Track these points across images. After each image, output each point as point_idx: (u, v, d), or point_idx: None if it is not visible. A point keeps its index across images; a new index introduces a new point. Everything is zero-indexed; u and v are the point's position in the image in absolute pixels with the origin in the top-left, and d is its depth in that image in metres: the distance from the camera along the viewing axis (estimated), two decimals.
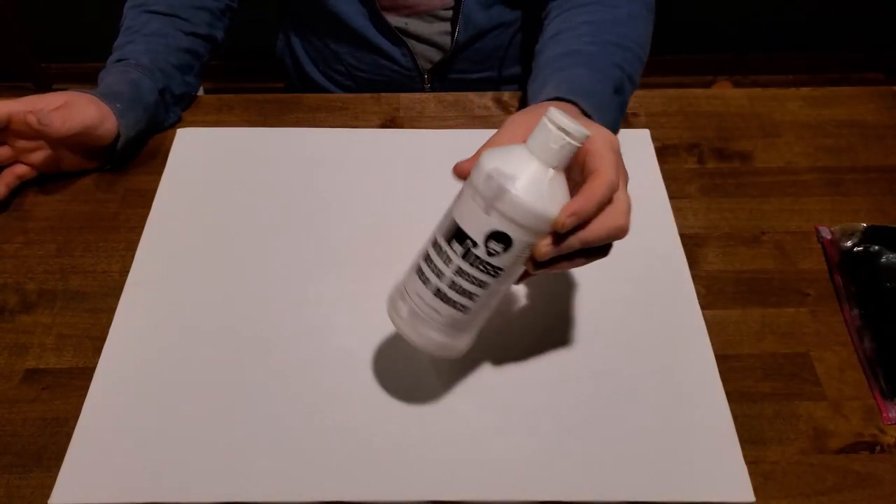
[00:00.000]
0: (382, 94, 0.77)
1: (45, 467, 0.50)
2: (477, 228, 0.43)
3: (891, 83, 0.91)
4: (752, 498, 0.49)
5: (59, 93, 0.66)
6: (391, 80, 0.87)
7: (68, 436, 0.51)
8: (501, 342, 0.56)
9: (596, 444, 0.51)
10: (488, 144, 0.49)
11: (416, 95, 0.77)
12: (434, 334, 0.46)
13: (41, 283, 0.61)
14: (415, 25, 0.84)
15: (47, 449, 0.51)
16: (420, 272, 0.45)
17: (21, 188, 0.67)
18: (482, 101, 0.77)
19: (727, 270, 0.62)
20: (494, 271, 0.44)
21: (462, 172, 0.48)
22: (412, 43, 0.84)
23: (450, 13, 0.83)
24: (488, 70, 0.89)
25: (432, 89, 0.88)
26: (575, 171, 0.46)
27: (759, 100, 0.78)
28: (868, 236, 0.63)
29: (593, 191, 0.43)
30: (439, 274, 0.44)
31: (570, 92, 0.57)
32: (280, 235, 0.63)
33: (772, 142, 0.74)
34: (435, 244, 0.45)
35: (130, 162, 0.70)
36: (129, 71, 0.70)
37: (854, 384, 0.56)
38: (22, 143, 0.66)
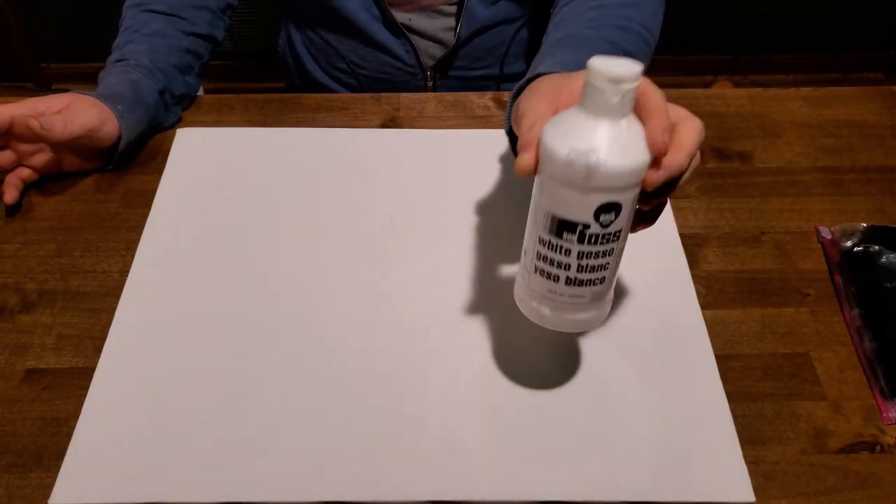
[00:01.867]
0: (382, 94, 0.77)
1: (45, 467, 0.50)
2: (582, 211, 0.41)
3: (891, 83, 0.91)
4: (753, 498, 0.49)
5: (60, 95, 0.66)
6: (393, 77, 0.87)
7: (68, 436, 0.51)
8: (501, 343, 0.56)
9: (596, 444, 0.51)
10: (530, 131, 0.44)
11: (416, 95, 0.77)
12: (584, 315, 0.46)
13: (41, 283, 0.61)
14: (418, 21, 0.84)
15: (47, 449, 0.51)
16: (542, 272, 0.44)
17: (22, 187, 0.67)
18: (482, 101, 0.77)
19: (727, 270, 0.62)
20: (615, 236, 0.43)
21: (527, 169, 0.43)
22: (415, 39, 0.84)
23: (454, 9, 0.83)
24: (490, 67, 0.89)
25: (434, 87, 0.88)
26: None
27: (759, 100, 0.78)
28: (868, 236, 0.63)
29: (660, 113, 0.42)
30: (565, 266, 0.43)
31: (557, 68, 0.55)
32: (280, 235, 0.63)
33: (772, 142, 0.74)
34: (543, 242, 0.43)
35: (131, 162, 0.70)
36: (130, 71, 0.70)
37: (854, 384, 0.56)
38: (24, 147, 0.66)
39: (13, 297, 0.60)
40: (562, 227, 0.42)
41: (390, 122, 0.75)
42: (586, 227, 0.41)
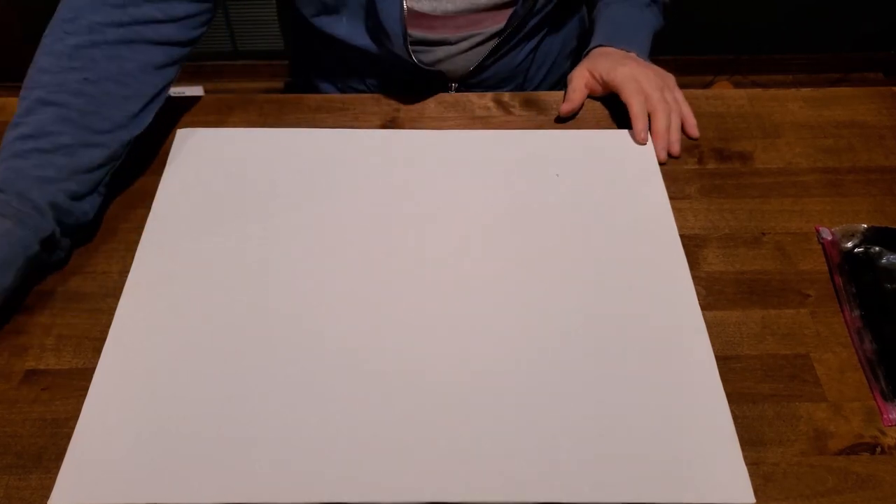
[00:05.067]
0: (382, 95, 0.77)
1: (45, 468, 0.50)
2: None
3: (891, 83, 0.91)
4: (753, 499, 0.49)
5: None
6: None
7: (68, 436, 0.51)
8: (501, 343, 0.56)
9: (596, 445, 0.51)
10: (573, 93, 0.75)
11: (416, 96, 0.77)
12: None
13: (41, 283, 0.61)
14: (445, 50, 0.81)
15: (47, 450, 0.51)
16: None
17: None
18: (482, 101, 0.77)
19: (727, 271, 0.62)
20: None
21: (568, 113, 0.75)
22: (446, 64, 0.82)
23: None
24: (514, 80, 0.88)
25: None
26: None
27: (759, 100, 0.78)
28: (868, 237, 0.63)
29: (634, 116, 0.71)
30: None
31: (606, 40, 0.78)
32: (279, 236, 0.63)
33: (772, 142, 0.74)
34: None
35: (130, 162, 0.70)
36: (3, 217, 0.54)
37: (854, 385, 0.56)
38: None
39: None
40: None
41: (390, 123, 0.74)
42: None
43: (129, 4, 0.61)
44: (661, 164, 0.70)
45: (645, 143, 0.71)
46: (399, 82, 0.84)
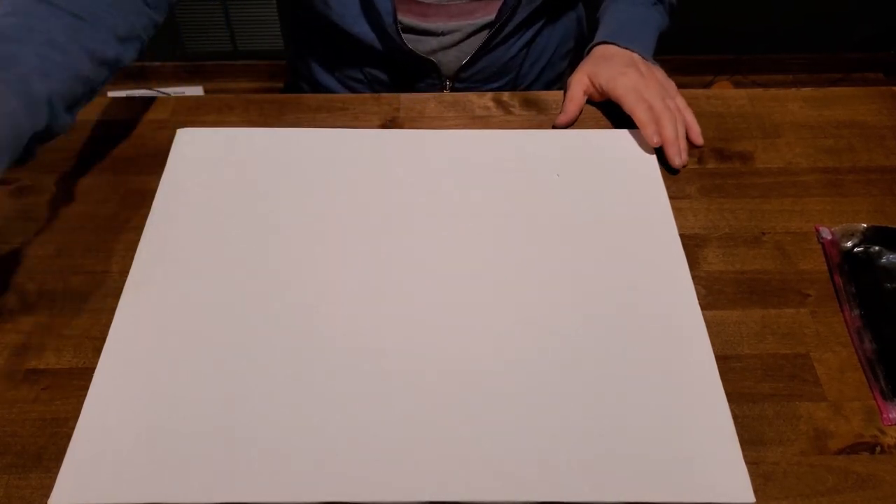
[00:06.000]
0: (382, 95, 0.77)
1: (45, 468, 0.50)
2: None
3: (891, 83, 0.91)
4: (753, 499, 0.49)
5: None
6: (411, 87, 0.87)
7: (68, 436, 0.51)
8: (501, 343, 0.56)
9: (596, 445, 0.51)
10: (570, 102, 0.74)
11: (416, 95, 0.77)
12: None
13: (41, 283, 0.61)
14: (450, 48, 0.82)
15: (47, 449, 0.51)
16: None
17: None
18: (482, 101, 0.77)
19: (727, 271, 0.62)
20: None
21: (565, 124, 0.74)
22: (440, 59, 0.83)
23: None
24: (507, 74, 0.89)
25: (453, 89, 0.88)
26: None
27: (759, 100, 0.78)
28: (868, 237, 0.63)
29: (642, 124, 0.70)
30: None
31: (610, 36, 0.77)
32: (280, 236, 0.63)
33: (772, 142, 0.74)
34: None
35: (130, 162, 0.70)
36: (8, 94, 0.50)
37: (854, 385, 0.56)
38: None
39: (13, 298, 0.60)
40: None
41: (390, 123, 0.75)
42: None
43: None
44: (674, 173, 0.70)
45: (660, 145, 0.69)
46: (394, 73, 0.84)
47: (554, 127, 0.74)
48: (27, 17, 0.54)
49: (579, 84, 0.75)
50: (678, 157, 0.69)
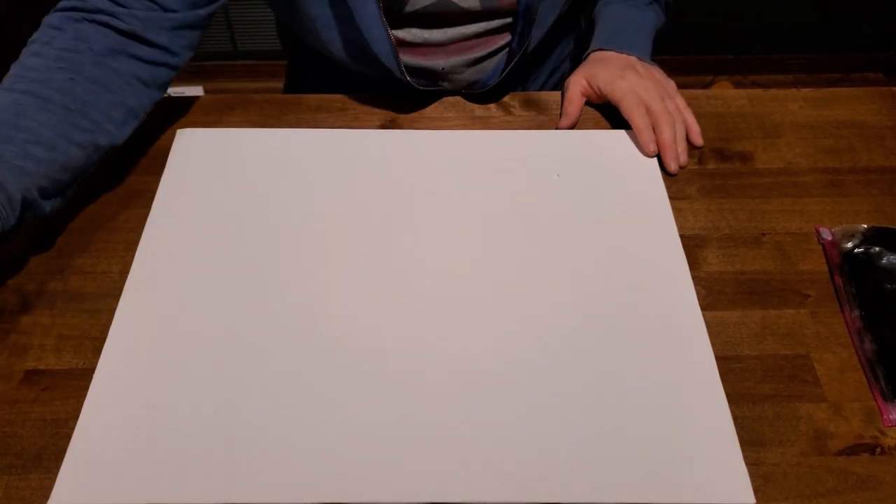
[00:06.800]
0: (383, 95, 0.77)
1: (45, 468, 0.50)
2: None
3: (891, 83, 0.91)
4: (753, 500, 0.49)
5: None
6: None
7: (68, 437, 0.51)
8: (501, 343, 0.56)
9: (596, 446, 0.51)
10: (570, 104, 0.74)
11: (416, 96, 0.77)
12: None
13: (41, 283, 0.61)
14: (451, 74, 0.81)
15: (47, 450, 0.51)
16: None
17: None
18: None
19: (727, 272, 0.62)
20: None
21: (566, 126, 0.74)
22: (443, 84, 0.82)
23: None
24: (515, 88, 0.88)
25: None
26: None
27: (759, 100, 0.78)
28: (868, 237, 0.63)
29: (638, 130, 0.70)
30: None
31: (606, 42, 0.77)
32: (280, 236, 0.63)
33: (772, 142, 0.73)
34: None
35: (130, 162, 0.70)
36: None
37: (854, 386, 0.56)
38: None
39: (13, 298, 0.60)
40: None
41: (390, 123, 0.74)
42: None
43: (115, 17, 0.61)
44: (672, 176, 0.69)
45: (653, 155, 0.70)
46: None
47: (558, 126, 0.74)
48: (17, 115, 0.56)
49: (577, 86, 0.75)
50: (674, 161, 0.69)
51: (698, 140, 0.72)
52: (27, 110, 0.56)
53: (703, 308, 0.59)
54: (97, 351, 0.56)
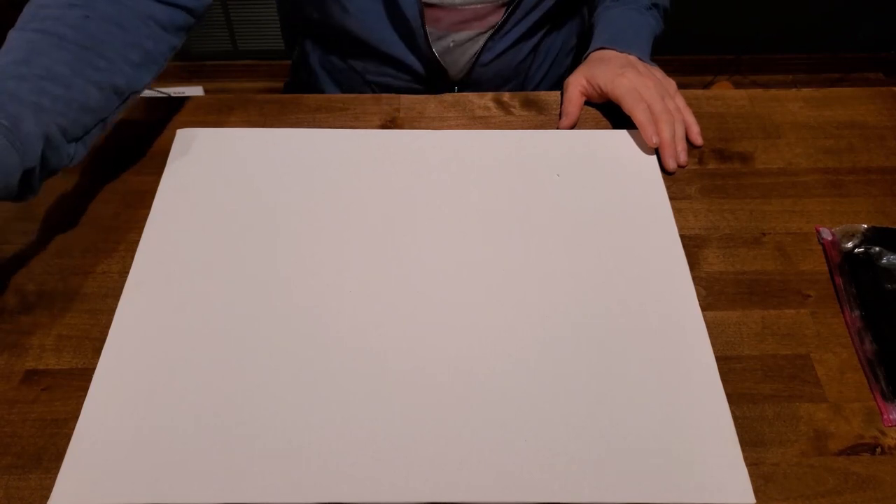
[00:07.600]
0: (382, 95, 0.77)
1: (45, 469, 0.50)
2: None
3: (891, 83, 0.91)
4: (753, 500, 0.49)
5: None
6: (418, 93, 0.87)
7: (68, 437, 0.51)
8: (501, 343, 0.56)
9: (596, 446, 0.51)
10: (569, 103, 0.74)
11: (417, 96, 0.77)
12: None
13: (41, 283, 0.61)
14: (458, 48, 0.82)
15: (47, 450, 0.51)
16: None
17: None
18: (482, 101, 0.77)
19: (727, 272, 0.62)
20: None
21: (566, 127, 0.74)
22: (448, 62, 0.84)
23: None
24: (514, 80, 0.89)
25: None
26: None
27: (759, 100, 0.78)
28: (869, 237, 0.63)
29: (641, 125, 0.70)
30: None
31: (607, 42, 0.77)
32: (280, 236, 0.63)
33: (772, 143, 0.73)
34: None
35: (130, 162, 0.70)
36: None
37: (855, 386, 0.56)
38: None
39: (13, 298, 0.60)
40: None
41: (390, 123, 0.74)
42: None
43: None
44: (670, 174, 0.70)
45: (656, 146, 0.70)
46: (401, 81, 0.84)
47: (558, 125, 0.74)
48: (29, 52, 0.54)
49: (576, 86, 0.75)
50: (673, 160, 0.70)
51: (698, 140, 0.72)
52: (40, 47, 0.54)
53: (704, 308, 0.59)
54: (97, 351, 0.56)
